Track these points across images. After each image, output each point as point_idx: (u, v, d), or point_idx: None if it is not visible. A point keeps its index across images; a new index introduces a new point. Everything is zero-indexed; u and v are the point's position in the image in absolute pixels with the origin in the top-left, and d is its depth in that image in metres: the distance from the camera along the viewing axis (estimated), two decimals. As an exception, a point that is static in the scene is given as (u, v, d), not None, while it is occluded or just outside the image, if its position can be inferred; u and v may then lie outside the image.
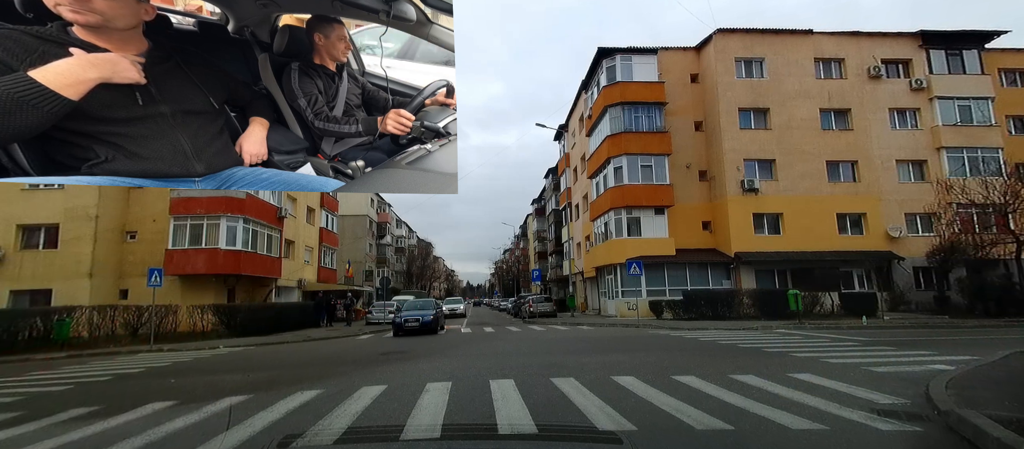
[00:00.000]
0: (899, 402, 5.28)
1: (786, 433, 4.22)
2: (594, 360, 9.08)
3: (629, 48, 26.29)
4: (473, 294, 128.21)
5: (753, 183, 23.82)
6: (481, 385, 6.75)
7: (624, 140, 25.23)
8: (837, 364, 8.05)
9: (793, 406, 5.13)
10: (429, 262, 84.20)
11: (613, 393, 6.01)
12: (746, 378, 6.79)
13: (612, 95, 25.94)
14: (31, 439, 4.83)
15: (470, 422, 4.92)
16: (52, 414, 5.91)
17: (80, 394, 7.51)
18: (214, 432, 4.61)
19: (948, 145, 24.39)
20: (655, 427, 4.53)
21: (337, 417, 5.19)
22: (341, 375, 8.17)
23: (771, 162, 24.47)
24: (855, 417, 4.65)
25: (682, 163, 25.72)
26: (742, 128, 24.65)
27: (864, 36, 25.75)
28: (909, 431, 4.27)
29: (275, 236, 25.71)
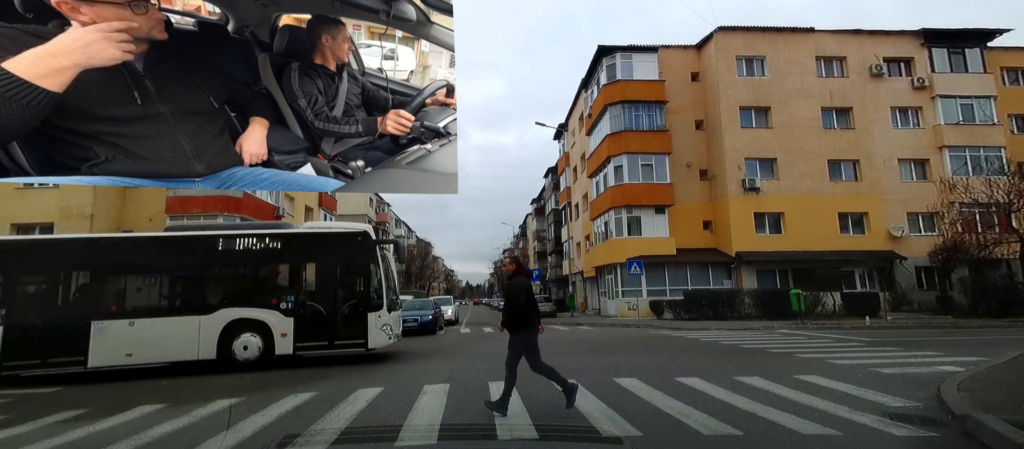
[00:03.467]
0: (911, 405, 5.20)
1: (797, 439, 4.13)
2: (595, 361, 9.00)
3: (629, 46, 26.20)
4: (472, 294, 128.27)
5: (754, 182, 23.75)
6: (480, 387, 6.67)
7: (624, 139, 25.15)
8: (843, 365, 7.97)
9: (802, 410, 5.04)
10: (428, 262, 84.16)
11: (615, 396, 5.93)
12: (751, 380, 6.71)
13: (612, 94, 25.86)
14: (16, 444, 4.75)
15: (468, 425, 4.84)
16: (39, 417, 5.82)
17: (69, 396, 7.42)
18: (204, 436, 4.52)
19: (950, 144, 24.33)
20: (660, 432, 4.44)
21: (333, 419, 5.10)
22: (337, 376, 8.08)
23: (772, 161, 24.40)
24: (867, 421, 4.56)
25: (683, 162, 25.64)
26: (743, 127, 24.58)
27: (866, 34, 25.69)
28: (925, 436, 4.18)
29: (274, 236, 25.58)
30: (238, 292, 9.67)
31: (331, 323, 9.64)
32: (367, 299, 9.81)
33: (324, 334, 9.62)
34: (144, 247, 9.96)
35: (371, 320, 9.70)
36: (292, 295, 9.74)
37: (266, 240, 9.81)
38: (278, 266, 10.13)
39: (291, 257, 10.06)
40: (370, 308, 9.74)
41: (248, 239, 9.76)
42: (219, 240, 9.70)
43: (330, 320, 9.63)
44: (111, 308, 9.23)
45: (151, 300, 9.63)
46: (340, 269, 10.00)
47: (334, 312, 9.71)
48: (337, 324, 9.64)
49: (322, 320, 9.60)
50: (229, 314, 9.39)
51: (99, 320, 8.97)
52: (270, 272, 10.13)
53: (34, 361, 8.79)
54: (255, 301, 9.58)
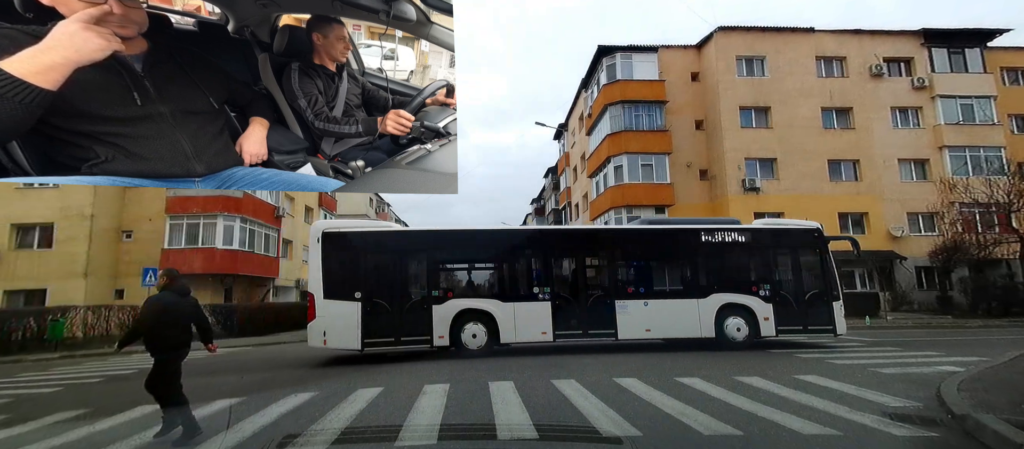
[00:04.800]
0: (911, 405, 5.19)
1: (798, 439, 4.13)
2: (595, 361, 8.99)
3: (629, 46, 26.18)
4: None
5: (754, 182, 23.74)
6: (480, 387, 6.66)
7: (624, 139, 25.14)
8: (844, 365, 7.97)
9: (802, 410, 5.04)
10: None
11: (615, 395, 5.92)
12: (751, 380, 6.71)
13: (612, 93, 25.85)
14: (14, 444, 4.74)
15: (468, 425, 4.83)
16: (39, 417, 5.80)
17: (69, 396, 7.41)
18: (204, 436, 4.52)
19: (950, 144, 24.31)
20: (660, 432, 4.44)
21: (333, 419, 5.10)
22: (338, 376, 8.07)
23: (772, 161, 24.39)
24: (867, 421, 4.56)
25: (683, 162, 25.63)
26: (743, 127, 24.56)
27: (866, 34, 25.67)
28: (925, 436, 4.18)
29: (272, 235, 25.59)
30: (725, 280, 10.63)
31: (802, 310, 10.56)
32: (830, 289, 10.64)
33: (797, 319, 10.55)
34: (650, 238, 11.39)
35: (836, 308, 10.51)
36: (767, 283, 10.65)
37: (734, 234, 10.85)
38: (751, 257, 11.05)
39: (759, 249, 10.99)
40: (833, 298, 10.59)
41: (724, 233, 10.83)
42: (701, 233, 10.78)
43: (800, 307, 10.54)
44: (628, 290, 10.54)
45: (658, 284, 10.94)
46: (801, 261, 10.95)
47: (801, 300, 10.60)
48: (807, 311, 10.53)
49: (793, 307, 10.54)
50: (720, 299, 10.46)
51: (622, 300, 10.31)
52: (746, 262, 11.05)
53: (577, 332, 10.26)
54: (739, 288, 10.59)
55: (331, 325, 9.60)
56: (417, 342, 9.93)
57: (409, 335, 9.88)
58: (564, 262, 10.88)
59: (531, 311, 10.16)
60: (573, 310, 10.30)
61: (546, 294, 10.28)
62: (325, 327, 9.59)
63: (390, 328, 9.81)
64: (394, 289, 10.12)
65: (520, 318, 10.13)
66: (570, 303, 10.38)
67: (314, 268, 9.89)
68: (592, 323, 10.25)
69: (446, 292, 10.23)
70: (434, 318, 9.90)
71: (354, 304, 9.69)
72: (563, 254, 10.92)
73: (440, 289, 10.25)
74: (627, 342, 10.30)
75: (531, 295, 10.32)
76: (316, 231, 10.13)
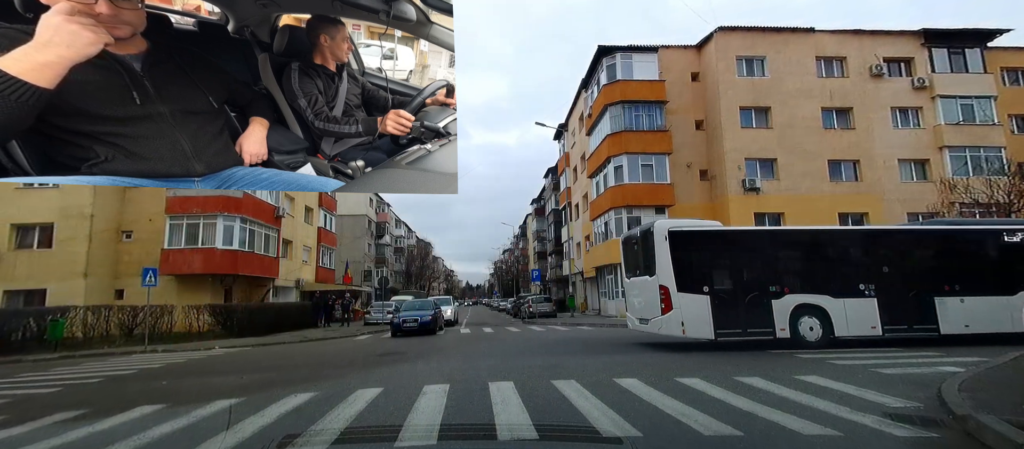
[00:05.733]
0: (911, 405, 5.19)
1: (798, 439, 4.13)
2: (596, 361, 9.00)
3: (629, 46, 26.20)
4: (472, 294, 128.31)
5: (754, 182, 23.75)
6: (480, 387, 6.65)
7: (624, 139, 25.15)
8: (844, 365, 7.97)
9: (802, 410, 5.04)
10: (428, 262, 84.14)
11: (616, 396, 5.92)
12: (752, 380, 6.71)
13: (612, 94, 25.86)
14: (12, 444, 4.73)
15: (468, 425, 4.83)
16: (37, 418, 5.80)
17: (69, 396, 7.41)
18: (203, 437, 4.51)
19: (950, 144, 24.32)
20: (660, 432, 4.43)
21: (333, 419, 5.09)
22: (338, 377, 8.07)
23: (772, 161, 24.40)
24: (867, 422, 4.55)
25: (683, 162, 25.64)
26: (743, 127, 24.56)
27: (866, 34, 25.68)
28: (926, 437, 4.18)
29: (272, 235, 25.59)
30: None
31: None
32: None
33: None
34: (962, 238, 11.56)
35: None
36: None
37: (1018, 235, 11.24)
38: None
39: None
40: None
41: (1016, 234, 11.22)
42: (1003, 233, 11.22)
43: None
44: (945, 288, 10.78)
45: (972, 281, 10.93)
46: None
47: None
48: None
49: None
50: None
51: (940, 297, 10.68)
52: None
53: (903, 326, 10.63)
54: None
55: (687, 316, 10.30)
56: (761, 334, 10.43)
57: (753, 327, 10.43)
58: (887, 261, 11.09)
59: (860, 307, 10.61)
60: (897, 306, 10.64)
61: (871, 291, 10.68)
62: (683, 318, 10.32)
63: (736, 320, 10.39)
64: (737, 284, 10.71)
65: (850, 313, 10.56)
66: (893, 299, 10.67)
67: (664, 264, 10.61)
68: (916, 319, 10.64)
69: (783, 288, 10.67)
70: (774, 311, 10.43)
71: (704, 297, 10.40)
72: (886, 253, 11.21)
73: (777, 285, 10.70)
74: (950, 336, 10.55)
75: (858, 291, 10.71)
76: (661, 229, 10.83)
